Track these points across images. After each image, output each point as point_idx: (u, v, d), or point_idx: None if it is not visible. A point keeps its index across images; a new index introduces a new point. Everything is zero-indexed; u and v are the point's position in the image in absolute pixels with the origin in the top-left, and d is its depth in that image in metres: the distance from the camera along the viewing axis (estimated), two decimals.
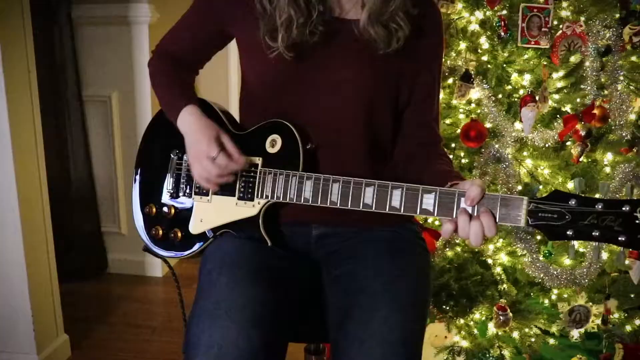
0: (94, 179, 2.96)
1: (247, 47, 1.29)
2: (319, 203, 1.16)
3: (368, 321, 1.10)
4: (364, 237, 1.28)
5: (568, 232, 0.99)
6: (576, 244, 2.06)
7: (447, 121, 2.02)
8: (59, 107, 2.77)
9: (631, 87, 2.06)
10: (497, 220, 1.02)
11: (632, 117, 2.04)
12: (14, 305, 2.11)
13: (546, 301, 2.14)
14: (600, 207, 0.97)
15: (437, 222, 2.10)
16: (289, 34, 1.18)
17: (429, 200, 1.07)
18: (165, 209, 1.34)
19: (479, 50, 1.99)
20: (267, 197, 1.21)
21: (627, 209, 0.96)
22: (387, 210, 1.10)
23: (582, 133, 1.88)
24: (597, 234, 0.97)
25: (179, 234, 1.31)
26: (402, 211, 1.09)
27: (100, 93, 2.86)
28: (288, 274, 1.22)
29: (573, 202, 0.98)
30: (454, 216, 1.05)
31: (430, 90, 1.32)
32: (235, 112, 1.38)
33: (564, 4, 1.98)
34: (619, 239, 0.97)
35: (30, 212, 2.08)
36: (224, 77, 3.32)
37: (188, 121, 1.26)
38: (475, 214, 1.03)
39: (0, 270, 2.08)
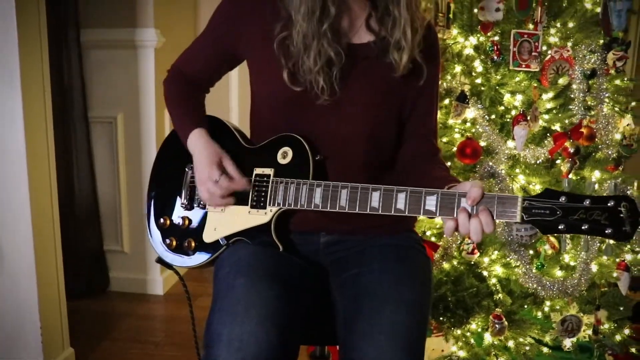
0: (97, 197, 3.01)
1: (259, 71, 1.36)
2: (328, 208, 1.23)
3: (376, 319, 1.17)
4: (369, 244, 1.36)
5: (560, 227, 1.07)
6: (567, 257, 2.16)
7: (444, 139, 2.12)
8: (66, 126, 2.82)
9: (616, 109, 2.18)
10: (495, 217, 1.10)
11: (617, 136, 2.16)
12: (24, 318, 2.15)
13: (539, 314, 2.22)
14: (588, 203, 1.05)
15: (433, 238, 2.19)
16: (330, 78, 1.26)
17: (431, 202, 1.15)
18: (179, 220, 1.40)
19: (473, 73, 2.10)
20: (278, 204, 1.28)
21: (612, 204, 1.04)
22: (392, 212, 1.18)
23: (571, 150, 1.99)
24: (586, 227, 1.05)
25: (193, 244, 1.38)
26: (406, 213, 1.16)
27: (106, 114, 2.93)
28: (298, 279, 1.29)
29: (563, 199, 1.07)
30: (455, 216, 1.13)
31: (429, 105, 1.41)
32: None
33: (552, 31, 2.11)
34: (606, 231, 1.05)
35: (41, 227, 2.14)
36: (225, 95, 3.39)
37: (195, 144, 1.35)
38: (474, 212, 1.11)
39: (12, 283, 2.13)
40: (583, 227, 1.06)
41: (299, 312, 1.23)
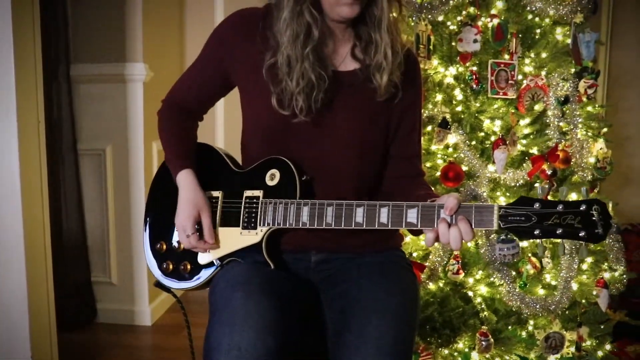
0: (85, 229, 3.02)
1: (249, 97, 1.42)
2: (315, 225, 1.29)
3: (362, 330, 1.23)
4: (357, 261, 1.41)
5: (535, 232, 1.12)
6: (548, 276, 2.23)
7: (427, 164, 2.20)
8: (55, 159, 2.84)
9: (589, 134, 2.29)
10: (473, 226, 1.16)
11: (592, 160, 2.26)
12: (15, 350, 2.15)
13: (524, 333, 2.28)
14: (560, 208, 1.11)
15: (419, 260, 2.25)
16: (309, 99, 1.31)
17: (412, 214, 1.21)
18: (175, 244, 1.45)
19: (454, 101, 2.20)
20: (268, 224, 1.33)
21: (584, 207, 1.10)
22: (376, 226, 1.24)
23: (549, 172, 2.09)
24: (561, 231, 1.11)
25: (188, 266, 1.42)
26: (389, 226, 1.23)
27: (95, 147, 2.97)
28: (292, 292, 1.34)
29: (537, 205, 1.12)
30: (435, 226, 1.19)
31: (412, 129, 1.47)
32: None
33: (527, 60, 2.23)
34: (580, 234, 1.10)
35: (34, 260, 2.16)
36: (211, 123, 3.43)
37: (182, 186, 1.40)
38: (453, 222, 1.18)
39: (4, 315, 2.14)
40: (558, 232, 1.11)
41: (293, 324, 1.28)
